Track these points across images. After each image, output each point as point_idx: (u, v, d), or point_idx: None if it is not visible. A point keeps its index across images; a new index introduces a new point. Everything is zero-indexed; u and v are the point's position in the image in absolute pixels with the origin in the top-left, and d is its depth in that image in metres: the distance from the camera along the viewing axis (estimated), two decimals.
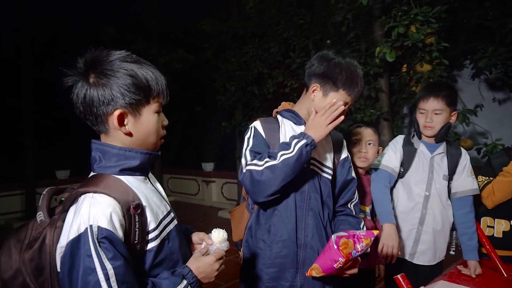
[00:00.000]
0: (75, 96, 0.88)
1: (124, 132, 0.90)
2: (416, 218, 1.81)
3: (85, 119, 0.90)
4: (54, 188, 0.96)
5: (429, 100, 1.77)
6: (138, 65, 0.89)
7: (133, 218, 0.85)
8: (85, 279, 0.75)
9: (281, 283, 1.34)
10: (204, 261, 0.96)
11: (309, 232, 1.35)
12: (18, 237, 0.88)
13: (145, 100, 0.90)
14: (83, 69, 0.87)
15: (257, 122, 1.44)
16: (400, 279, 1.31)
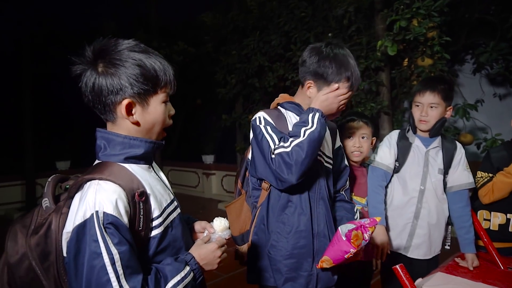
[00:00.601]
0: (84, 85, 0.88)
1: (131, 121, 0.91)
2: (411, 212, 1.81)
3: (93, 107, 0.91)
4: (59, 175, 0.97)
5: (425, 93, 1.76)
6: (146, 55, 0.89)
7: (138, 205, 0.86)
8: (91, 263, 0.76)
9: (300, 273, 1.36)
10: (206, 248, 0.98)
11: (321, 221, 1.38)
12: (24, 222, 0.89)
13: (153, 90, 0.91)
14: (92, 57, 0.87)
15: (263, 113, 1.42)
16: (399, 269, 1.33)
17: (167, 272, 0.87)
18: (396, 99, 4.22)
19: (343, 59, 1.33)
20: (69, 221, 0.83)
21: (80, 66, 0.88)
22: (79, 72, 0.88)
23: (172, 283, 0.86)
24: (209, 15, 5.87)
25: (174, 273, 0.87)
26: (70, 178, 0.98)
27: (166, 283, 0.85)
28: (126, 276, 0.78)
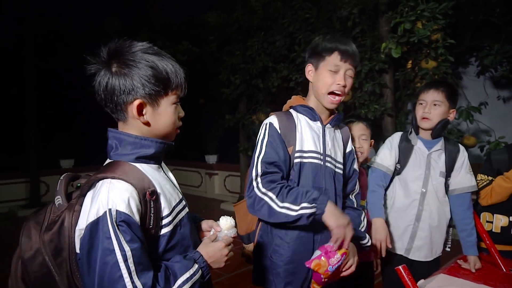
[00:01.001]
0: (97, 84, 0.90)
1: (142, 122, 0.93)
2: (413, 214, 1.82)
3: (105, 106, 0.93)
4: (71, 174, 1.00)
5: (429, 91, 1.78)
6: (158, 57, 0.91)
7: (149, 203, 0.88)
8: (104, 259, 0.78)
9: (297, 277, 1.39)
10: (213, 247, 1.00)
11: (325, 229, 1.35)
12: (37, 219, 0.91)
13: (164, 91, 0.93)
14: (106, 58, 0.90)
15: (273, 118, 1.43)
16: (402, 270, 1.34)
17: (176, 269, 0.89)
18: (399, 101, 4.22)
19: (334, 36, 1.42)
20: (82, 219, 0.86)
21: (94, 66, 0.90)
22: (93, 71, 0.91)
23: (181, 280, 0.88)
24: (213, 15, 5.87)
25: (183, 270, 0.89)
26: (81, 176, 1.01)
27: (175, 280, 0.87)
28: (138, 272, 0.80)
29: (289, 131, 1.40)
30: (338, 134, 1.52)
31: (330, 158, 1.43)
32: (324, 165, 1.40)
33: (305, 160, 1.39)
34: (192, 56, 6.68)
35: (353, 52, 1.37)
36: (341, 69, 1.36)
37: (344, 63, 1.36)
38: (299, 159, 1.38)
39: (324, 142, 1.42)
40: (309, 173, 1.38)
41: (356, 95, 3.99)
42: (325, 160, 1.41)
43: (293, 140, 1.39)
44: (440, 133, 1.81)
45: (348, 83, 1.38)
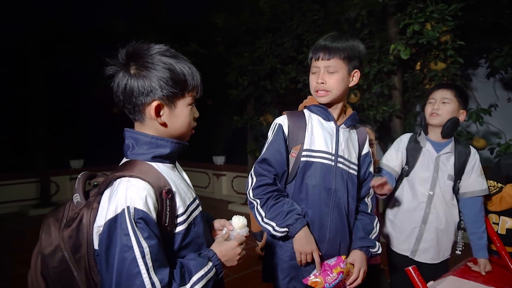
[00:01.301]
0: (116, 85, 0.93)
1: (159, 123, 0.95)
2: (419, 216, 1.82)
3: (123, 107, 0.96)
4: (88, 172, 1.02)
5: (438, 90, 1.80)
6: (176, 59, 0.94)
7: (165, 202, 0.90)
8: (122, 255, 0.80)
9: (303, 274, 1.39)
10: (227, 245, 1.02)
11: (333, 229, 1.38)
12: (56, 216, 0.94)
13: (181, 93, 0.95)
14: (125, 60, 0.92)
15: (283, 117, 1.46)
16: (412, 270, 1.35)
17: (191, 266, 0.91)
18: (408, 103, 4.21)
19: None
20: (100, 216, 0.88)
21: (113, 67, 0.93)
22: (112, 72, 0.93)
23: (196, 277, 0.90)
24: (221, 17, 5.90)
25: (198, 267, 0.91)
26: (98, 175, 1.03)
27: (190, 277, 0.89)
28: (155, 268, 0.82)
29: (297, 130, 1.42)
30: (353, 134, 1.51)
31: (342, 159, 1.42)
32: (335, 165, 1.40)
33: (313, 160, 1.39)
34: (200, 57, 6.73)
35: (321, 46, 1.38)
36: (319, 69, 1.38)
37: (319, 61, 1.38)
38: (306, 158, 1.39)
39: (337, 143, 1.42)
40: (318, 173, 1.38)
41: (364, 97, 3.99)
42: (337, 160, 1.40)
43: (301, 139, 1.41)
44: (450, 133, 1.78)
45: (328, 78, 1.37)
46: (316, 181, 1.38)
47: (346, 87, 1.41)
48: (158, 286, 0.81)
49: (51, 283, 0.91)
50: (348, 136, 1.46)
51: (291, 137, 1.42)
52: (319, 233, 1.38)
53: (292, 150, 1.42)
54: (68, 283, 0.90)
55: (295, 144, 1.41)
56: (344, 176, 1.41)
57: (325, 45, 1.37)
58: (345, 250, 1.42)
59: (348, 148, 1.44)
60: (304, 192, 1.39)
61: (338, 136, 1.42)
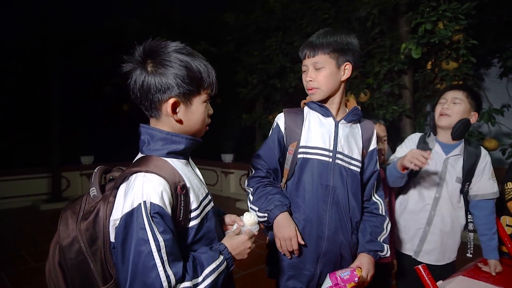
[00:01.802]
0: (133, 82, 0.94)
1: (175, 120, 0.97)
2: (424, 218, 1.80)
3: (140, 103, 0.97)
4: (104, 167, 1.04)
5: (450, 90, 1.77)
6: (192, 57, 0.95)
7: (179, 197, 0.92)
8: (138, 249, 0.82)
9: (303, 272, 1.39)
10: (237, 239, 1.04)
11: (333, 226, 1.37)
12: (74, 209, 0.96)
13: (197, 90, 0.97)
14: (142, 57, 0.93)
15: (281, 115, 1.47)
16: (421, 269, 1.35)
17: (203, 260, 0.93)
18: (418, 103, 4.17)
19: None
20: (116, 210, 0.90)
21: (130, 64, 0.94)
22: (129, 69, 0.95)
23: (208, 270, 0.91)
24: (232, 15, 5.92)
25: (210, 261, 0.93)
26: (113, 170, 1.05)
27: (202, 270, 0.91)
28: (170, 262, 0.84)
29: (294, 127, 1.42)
30: (356, 130, 1.46)
31: (342, 155, 1.39)
32: (333, 162, 1.38)
33: (309, 156, 1.39)
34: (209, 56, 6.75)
35: (306, 44, 1.38)
36: (307, 67, 1.38)
37: (306, 59, 1.38)
38: (303, 155, 1.39)
39: (336, 139, 1.39)
40: (315, 169, 1.37)
41: (374, 96, 3.97)
42: (335, 157, 1.38)
43: (298, 135, 1.41)
44: (460, 135, 1.74)
45: (315, 75, 1.36)
46: (313, 178, 1.37)
47: (338, 81, 1.38)
48: (172, 279, 0.83)
49: (68, 273, 0.93)
50: (349, 131, 1.43)
51: (287, 135, 1.43)
52: (318, 230, 1.37)
53: (289, 147, 1.42)
54: (85, 274, 0.92)
55: (292, 141, 1.42)
56: (343, 173, 1.39)
57: (310, 42, 1.37)
58: (347, 248, 1.40)
59: (348, 144, 1.41)
60: (301, 189, 1.38)
61: (337, 132, 1.40)
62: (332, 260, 1.40)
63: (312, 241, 1.37)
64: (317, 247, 1.37)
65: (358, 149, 1.44)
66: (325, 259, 1.38)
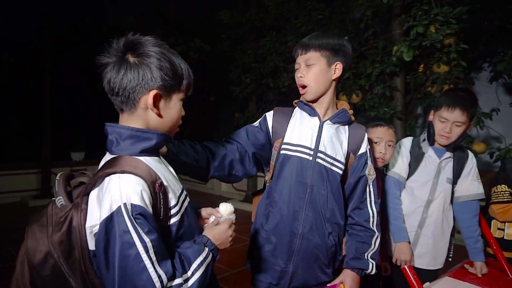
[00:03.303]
0: (111, 74, 0.90)
1: (155, 113, 0.94)
2: (416, 221, 1.81)
3: (116, 95, 0.92)
4: (66, 173, 0.99)
5: (454, 111, 1.68)
6: (173, 54, 0.95)
7: (158, 195, 0.89)
8: (124, 253, 0.79)
9: (273, 267, 1.40)
10: (218, 229, 1.03)
11: (308, 224, 1.37)
12: (40, 222, 0.89)
13: (177, 87, 0.96)
14: (122, 49, 0.90)
15: (271, 111, 1.50)
16: (407, 269, 1.36)
17: (190, 254, 0.91)
18: (410, 105, 4.21)
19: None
20: (91, 216, 0.86)
21: (107, 57, 0.91)
22: (105, 62, 0.91)
23: (196, 264, 0.90)
24: (227, 14, 5.90)
25: (196, 254, 0.92)
26: (76, 175, 0.99)
27: (190, 264, 0.90)
28: (159, 262, 0.82)
29: (280, 124, 1.44)
30: (342, 132, 1.46)
31: (323, 155, 1.38)
32: (313, 160, 1.38)
33: (290, 153, 1.40)
34: (204, 54, 6.74)
35: (299, 44, 1.41)
36: (300, 64, 1.41)
37: (298, 57, 1.41)
38: (285, 151, 1.41)
39: (319, 138, 1.40)
40: (294, 166, 1.38)
41: (366, 97, 3.99)
42: (316, 156, 1.38)
43: (283, 132, 1.43)
44: (457, 147, 1.79)
45: (306, 72, 1.38)
46: (291, 174, 1.38)
47: (328, 80, 1.39)
48: (164, 278, 0.81)
49: None
50: (334, 132, 1.42)
51: (274, 131, 1.45)
52: (292, 226, 1.37)
53: (275, 143, 1.44)
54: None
55: (277, 138, 1.44)
56: (323, 172, 1.38)
57: (303, 42, 1.41)
58: (323, 249, 1.39)
59: (332, 145, 1.40)
60: (280, 185, 1.39)
61: (320, 132, 1.40)
62: (306, 260, 1.39)
63: (285, 236, 1.38)
64: (289, 243, 1.38)
65: (342, 152, 1.43)
66: (299, 258, 1.38)
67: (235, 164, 1.39)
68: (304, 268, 1.39)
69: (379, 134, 1.74)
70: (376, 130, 1.75)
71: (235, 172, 1.40)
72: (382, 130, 1.74)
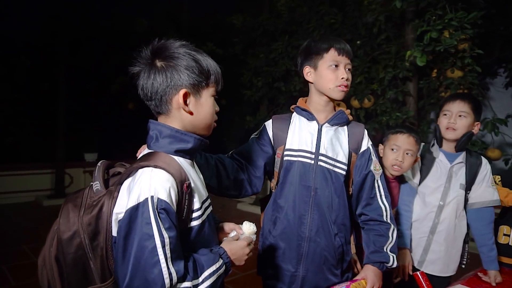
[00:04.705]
0: (143, 81, 0.96)
1: (186, 111, 0.97)
2: (428, 227, 1.79)
3: (149, 101, 0.97)
4: (107, 162, 1.04)
5: (455, 102, 1.74)
6: (198, 52, 0.98)
7: (184, 196, 0.92)
8: (142, 244, 0.81)
9: (283, 272, 1.42)
10: (236, 245, 1.05)
11: (314, 227, 1.39)
12: (75, 202, 0.93)
13: (205, 83, 0.98)
14: (150, 57, 0.95)
15: (270, 120, 1.53)
16: (420, 276, 1.35)
17: (204, 261, 0.93)
18: (422, 110, 4.17)
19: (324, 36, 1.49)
20: (119, 203, 0.90)
21: (138, 66, 0.96)
22: (137, 70, 0.96)
23: (208, 272, 0.91)
24: (239, 17, 5.94)
25: (210, 263, 0.93)
26: (115, 165, 1.05)
27: (202, 271, 0.91)
28: (173, 259, 0.83)
29: (280, 132, 1.48)
30: (342, 133, 1.47)
31: (325, 157, 1.41)
32: (315, 164, 1.40)
33: (293, 159, 1.42)
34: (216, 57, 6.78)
35: (347, 48, 1.43)
36: (341, 64, 1.40)
37: (342, 57, 1.40)
38: (288, 157, 1.43)
39: (319, 141, 1.42)
40: (297, 171, 1.41)
41: (378, 102, 3.97)
42: (318, 159, 1.40)
43: (284, 139, 1.46)
44: (464, 146, 1.77)
45: (349, 76, 1.41)
46: (295, 179, 1.40)
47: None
48: (174, 276, 0.83)
49: (65, 268, 0.90)
50: (333, 134, 1.44)
51: (275, 139, 1.48)
52: (298, 230, 1.39)
53: (277, 150, 1.47)
54: (83, 270, 0.90)
55: (279, 145, 1.47)
56: (326, 175, 1.40)
57: (347, 47, 1.43)
58: (330, 250, 1.40)
59: (333, 147, 1.42)
60: (285, 190, 1.42)
61: (320, 135, 1.43)
62: (316, 262, 1.40)
63: (293, 241, 1.40)
64: (298, 247, 1.39)
65: (343, 152, 1.44)
66: (308, 262, 1.39)
67: (245, 184, 1.45)
68: (314, 271, 1.40)
69: (397, 142, 1.70)
70: (396, 137, 1.72)
71: (244, 192, 1.47)
72: (402, 138, 1.70)
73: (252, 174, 1.47)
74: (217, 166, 1.38)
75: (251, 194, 1.50)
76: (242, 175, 1.44)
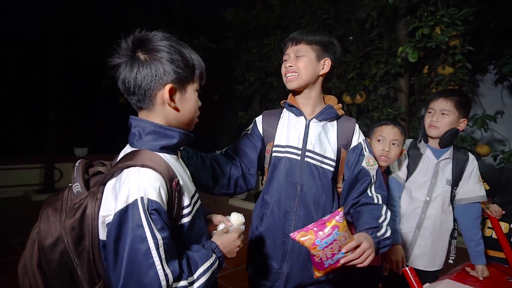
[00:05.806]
0: (125, 74, 0.91)
1: (172, 107, 0.93)
2: (414, 222, 1.81)
3: (131, 95, 0.93)
4: (85, 161, 0.99)
5: (438, 100, 1.78)
6: (182, 46, 0.94)
7: (174, 193, 0.89)
8: (135, 246, 0.78)
9: (268, 269, 1.41)
10: (227, 237, 1.03)
11: (299, 224, 1.36)
12: (55, 206, 0.89)
13: (191, 77, 0.95)
14: (131, 48, 0.90)
15: (260, 116, 1.53)
16: (408, 271, 1.36)
17: (197, 258, 0.91)
18: (413, 106, 4.20)
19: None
20: (104, 206, 0.86)
21: (118, 58, 0.91)
22: (117, 62, 0.91)
23: (202, 269, 0.90)
24: (232, 12, 5.89)
25: (203, 259, 0.91)
26: (94, 164, 1.00)
27: (196, 268, 0.89)
28: (167, 260, 0.81)
29: (270, 128, 1.47)
30: (330, 128, 1.45)
31: (312, 153, 1.39)
32: (302, 160, 1.38)
33: (281, 155, 1.41)
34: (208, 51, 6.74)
35: (291, 37, 1.43)
36: (289, 55, 1.42)
37: (288, 49, 1.42)
38: (276, 153, 1.43)
39: (306, 137, 1.40)
40: (284, 167, 1.40)
41: (370, 98, 3.99)
42: (305, 155, 1.39)
43: (273, 135, 1.45)
44: (448, 143, 1.79)
45: (296, 62, 1.39)
46: (281, 175, 1.39)
47: (316, 73, 1.40)
48: (170, 277, 0.81)
49: (50, 275, 0.86)
50: (321, 130, 1.42)
51: (265, 134, 1.47)
52: (283, 227, 1.38)
53: (267, 146, 1.47)
54: (69, 276, 0.87)
55: (269, 141, 1.46)
56: (313, 171, 1.38)
57: (293, 35, 1.43)
58: None
59: (320, 143, 1.40)
60: (272, 187, 1.41)
61: (307, 131, 1.41)
62: (301, 260, 1.38)
63: (278, 237, 1.39)
64: (282, 244, 1.38)
65: (331, 148, 1.42)
66: (293, 259, 1.38)
67: (240, 181, 1.45)
68: (299, 269, 1.39)
69: (383, 133, 1.75)
70: (381, 128, 1.77)
71: (239, 190, 1.46)
72: (387, 129, 1.76)
73: (246, 171, 1.46)
74: (212, 166, 1.37)
75: (245, 191, 1.49)
76: (237, 173, 1.43)
